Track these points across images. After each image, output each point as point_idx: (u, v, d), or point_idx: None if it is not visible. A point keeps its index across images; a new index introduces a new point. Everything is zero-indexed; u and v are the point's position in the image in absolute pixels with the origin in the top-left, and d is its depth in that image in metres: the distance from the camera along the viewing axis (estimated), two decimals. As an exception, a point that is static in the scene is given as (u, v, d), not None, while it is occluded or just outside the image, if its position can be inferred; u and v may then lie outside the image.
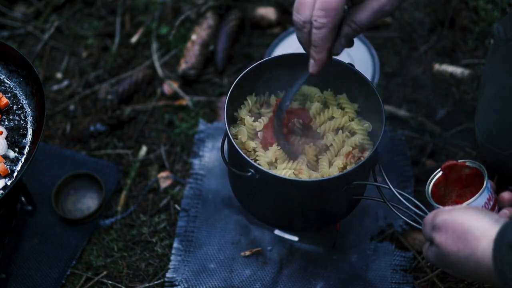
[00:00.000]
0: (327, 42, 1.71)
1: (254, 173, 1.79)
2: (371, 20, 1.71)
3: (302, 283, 2.17)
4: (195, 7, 2.75)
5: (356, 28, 1.72)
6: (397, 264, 2.19)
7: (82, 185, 2.36)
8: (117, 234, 2.29)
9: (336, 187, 1.84)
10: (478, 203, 1.66)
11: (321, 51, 1.73)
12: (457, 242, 1.48)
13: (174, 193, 2.36)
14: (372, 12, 1.70)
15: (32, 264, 2.22)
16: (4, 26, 2.78)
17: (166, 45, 2.70)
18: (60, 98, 2.59)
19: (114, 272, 2.23)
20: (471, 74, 2.52)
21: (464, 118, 2.45)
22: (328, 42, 1.71)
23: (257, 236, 2.25)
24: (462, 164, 1.75)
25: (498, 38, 2.15)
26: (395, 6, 1.71)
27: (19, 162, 1.89)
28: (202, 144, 2.44)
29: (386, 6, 1.70)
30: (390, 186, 1.79)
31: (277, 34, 2.67)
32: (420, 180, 2.34)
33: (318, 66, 1.76)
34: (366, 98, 1.93)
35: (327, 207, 1.94)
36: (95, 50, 2.70)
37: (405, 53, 2.63)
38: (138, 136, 2.50)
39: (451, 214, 1.52)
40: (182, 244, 2.25)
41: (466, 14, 2.66)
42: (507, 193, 1.68)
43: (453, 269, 1.52)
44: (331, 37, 1.71)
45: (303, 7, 1.70)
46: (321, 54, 1.74)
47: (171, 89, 2.59)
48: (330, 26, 1.69)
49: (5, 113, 1.97)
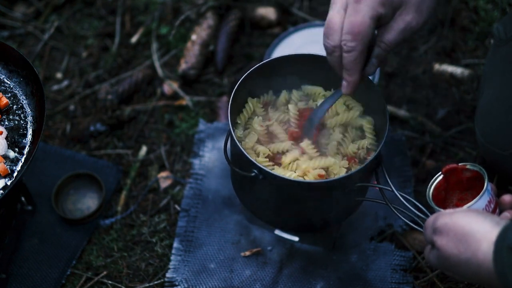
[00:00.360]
0: (358, 64, 1.74)
1: (258, 173, 1.80)
2: (399, 39, 1.74)
3: (302, 283, 2.17)
4: (195, 7, 2.75)
5: (386, 47, 1.75)
6: (397, 264, 2.19)
7: (82, 185, 2.36)
8: (117, 234, 2.29)
9: (339, 189, 1.84)
10: (479, 206, 1.66)
11: (353, 74, 1.76)
12: (458, 245, 1.48)
13: (174, 193, 2.36)
14: (400, 31, 1.72)
15: (32, 264, 2.22)
16: (4, 26, 2.78)
17: (166, 45, 2.70)
18: (60, 98, 2.59)
19: (114, 272, 2.23)
20: (471, 74, 2.52)
21: (464, 118, 2.45)
22: (359, 64, 1.74)
23: (257, 236, 2.25)
24: (463, 167, 1.75)
25: (498, 38, 2.15)
26: (421, 23, 1.73)
27: (19, 162, 1.89)
28: (202, 144, 2.44)
29: (412, 23, 1.72)
30: (392, 188, 1.79)
31: (277, 34, 2.67)
32: (420, 180, 2.34)
33: (351, 87, 1.79)
34: (370, 99, 1.93)
35: (330, 208, 1.94)
36: (95, 50, 2.70)
37: (405, 53, 2.63)
38: (138, 136, 2.50)
39: (452, 217, 1.52)
40: (182, 244, 2.25)
41: (466, 14, 2.66)
42: (508, 196, 1.68)
43: (454, 272, 1.52)
44: (362, 59, 1.74)
45: (332, 32, 1.72)
46: (353, 77, 1.76)
47: (171, 89, 2.59)
48: (359, 49, 1.71)
49: (5, 113, 1.97)
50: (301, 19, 2.74)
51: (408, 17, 1.71)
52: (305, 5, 2.77)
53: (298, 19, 2.74)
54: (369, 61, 1.77)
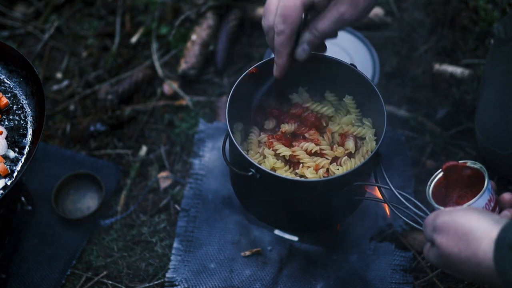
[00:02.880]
0: (286, 47, 1.78)
1: (255, 172, 1.79)
2: (332, 28, 1.77)
3: (302, 283, 2.17)
4: (195, 7, 2.75)
5: (318, 35, 1.78)
6: (397, 264, 2.19)
7: (82, 185, 2.36)
8: (117, 234, 2.29)
9: (337, 188, 1.84)
10: (479, 204, 1.66)
11: (281, 56, 1.80)
12: (458, 243, 1.48)
13: (174, 193, 2.36)
14: (332, 20, 1.76)
15: (32, 264, 2.21)
16: (4, 26, 2.78)
17: (166, 45, 2.70)
18: (60, 98, 2.59)
19: (114, 272, 2.23)
20: (471, 74, 2.52)
21: (464, 118, 2.45)
22: (286, 47, 1.78)
23: (257, 236, 2.25)
24: (463, 165, 1.74)
25: (498, 38, 2.15)
26: (355, 16, 1.76)
27: (19, 162, 1.89)
28: (202, 144, 2.44)
29: (345, 15, 1.75)
30: (391, 187, 1.79)
31: (277, 34, 2.67)
32: (420, 180, 2.34)
33: (279, 70, 1.83)
34: (368, 98, 1.93)
35: (328, 208, 1.94)
36: (95, 50, 2.70)
37: (405, 53, 2.63)
38: (138, 136, 2.50)
39: (452, 215, 1.52)
40: (182, 244, 2.25)
41: (466, 14, 2.66)
42: (508, 194, 1.68)
43: (454, 270, 1.52)
44: (290, 43, 1.78)
45: (268, 13, 1.76)
46: (281, 59, 1.80)
47: (171, 89, 2.59)
48: (288, 33, 1.75)
49: (5, 113, 1.97)
50: (301, 19, 2.74)
51: (342, 8, 1.74)
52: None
53: (298, 19, 2.74)
54: (298, 46, 1.80)
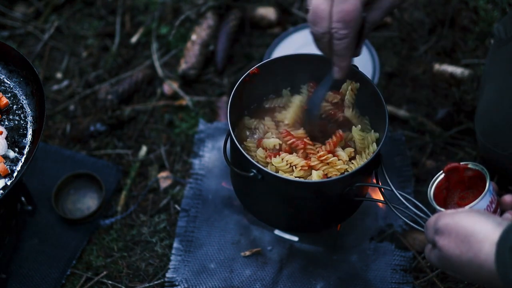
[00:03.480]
0: (350, 50, 1.76)
1: (257, 173, 1.79)
2: (382, 17, 1.77)
3: (302, 283, 2.17)
4: (195, 7, 2.75)
5: (371, 27, 1.77)
6: (397, 264, 2.19)
7: (82, 185, 2.36)
8: (117, 234, 2.29)
9: (338, 189, 1.84)
10: (481, 206, 1.65)
11: (346, 59, 1.77)
12: (459, 246, 1.48)
13: (174, 193, 2.36)
14: (384, 9, 1.75)
15: (32, 264, 2.21)
16: (4, 26, 2.78)
17: (166, 45, 2.70)
18: (60, 98, 2.59)
19: (114, 272, 2.23)
20: (471, 74, 2.52)
21: (464, 118, 2.45)
22: (351, 50, 1.76)
23: (257, 236, 2.25)
24: (464, 166, 1.74)
25: (498, 38, 2.15)
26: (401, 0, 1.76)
27: (19, 162, 1.89)
28: (202, 144, 2.44)
29: (395, 2, 1.74)
30: (392, 188, 1.79)
31: (277, 34, 2.67)
32: (420, 180, 2.34)
33: (343, 72, 1.81)
34: (369, 99, 1.93)
35: (329, 208, 1.94)
36: (95, 50, 2.70)
37: (405, 53, 2.63)
38: (138, 136, 2.50)
39: (453, 217, 1.52)
40: (182, 244, 2.25)
41: (466, 14, 2.66)
42: (509, 196, 1.67)
43: (455, 272, 1.52)
44: (354, 45, 1.76)
45: (320, 19, 1.72)
46: (345, 62, 1.78)
47: (171, 89, 2.59)
48: (352, 36, 1.73)
49: (5, 113, 1.97)
50: (301, 19, 2.74)
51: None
52: (305, 5, 2.77)
53: (298, 19, 2.74)
54: (358, 45, 1.79)
